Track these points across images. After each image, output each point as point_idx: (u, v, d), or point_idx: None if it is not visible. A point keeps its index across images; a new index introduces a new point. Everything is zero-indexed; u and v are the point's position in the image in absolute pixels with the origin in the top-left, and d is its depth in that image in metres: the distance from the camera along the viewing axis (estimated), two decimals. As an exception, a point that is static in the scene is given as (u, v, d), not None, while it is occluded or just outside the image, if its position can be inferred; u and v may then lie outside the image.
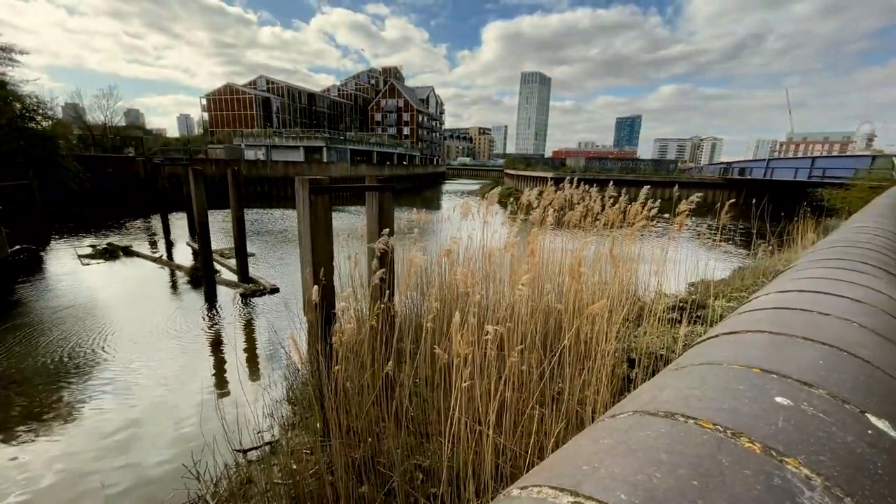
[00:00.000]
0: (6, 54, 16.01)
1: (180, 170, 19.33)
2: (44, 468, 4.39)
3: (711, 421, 0.55)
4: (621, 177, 32.46)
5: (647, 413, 0.60)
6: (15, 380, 6.04)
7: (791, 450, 0.50)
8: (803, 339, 0.78)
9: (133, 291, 10.49)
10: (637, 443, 0.53)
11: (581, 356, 3.05)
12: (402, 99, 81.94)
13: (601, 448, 0.54)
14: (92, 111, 44.01)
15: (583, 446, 0.56)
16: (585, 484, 0.47)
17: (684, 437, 0.52)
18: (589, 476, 0.48)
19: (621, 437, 0.55)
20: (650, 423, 0.57)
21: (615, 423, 0.60)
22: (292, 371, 5.52)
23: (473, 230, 4.89)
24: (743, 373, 0.67)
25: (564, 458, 0.55)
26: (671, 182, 29.97)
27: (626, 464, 0.49)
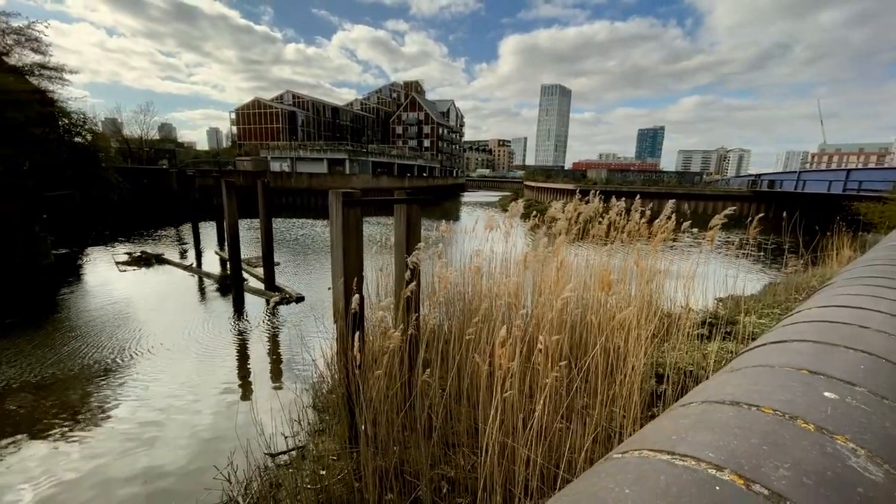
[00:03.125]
0: (57, 74, 17.12)
1: (210, 181, 20.13)
2: (78, 465, 4.59)
3: (771, 408, 0.66)
4: (645, 189, 31.95)
5: (714, 402, 0.72)
6: (57, 379, 6.36)
7: (839, 430, 0.61)
8: (845, 348, 0.88)
9: (165, 298, 10.92)
10: (712, 422, 0.65)
11: (608, 370, 3.04)
12: (422, 112, 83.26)
13: (681, 426, 0.66)
14: (129, 125, 46.44)
15: (664, 425, 0.66)
16: (678, 448, 0.59)
17: (750, 419, 0.64)
18: (679, 443, 0.61)
19: (697, 418, 0.68)
20: (719, 409, 0.69)
21: (688, 410, 0.73)
22: (318, 378, 5.64)
23: (494, 241, 4.95)
24: (793, 374, 0.78)
25: (651, 433, 0.69)
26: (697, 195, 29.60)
27: (707, 435, 0.61)
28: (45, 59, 16.51)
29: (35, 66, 16.32)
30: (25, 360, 6.94)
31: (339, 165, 46.99)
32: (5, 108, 11.98)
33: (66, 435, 5.10)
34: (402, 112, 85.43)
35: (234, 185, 10.68)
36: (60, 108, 16.25)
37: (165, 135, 71.05)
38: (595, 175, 50.00)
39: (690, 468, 0.54)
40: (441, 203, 49.80)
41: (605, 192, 6.81)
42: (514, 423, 2.75)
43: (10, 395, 5.86)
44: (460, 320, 4.43)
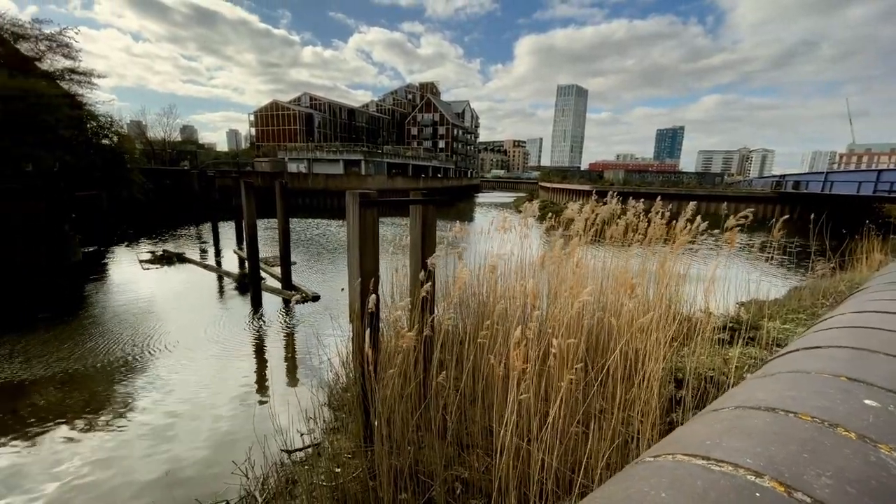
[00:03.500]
0: (85, 78, 17.77)
1: (230, 182, 20.56)
2: (102, 456, 4.74)
3: (809, 415, 0.64)
4: (663, 190, 31.35)
5: (748, 408, 0.70)
6: (83, 373, 6.58)
7: (883, 439, 0.58)
8: (886, 355, 0.84)
9: (186, 295, 11.20)
10: (748, 427, 0.64)
11: (626, 374, 2.99)
12: (437, 113, 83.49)
13: (715, 431, 0.65)
14: (153, 127, 47.93)
15: (697, 430, 0.65)
16: (714, 453, 0.59)
17: (788, 425, 0.63)
18: (714, 448, 0.60)
19: (731, 423, 0.66)
20: (754, 415, 0.67)
21: (721, 415, 0.71)
22: (334, 377, 5.69)
23: (509, 242, 4.92)
24: (831, 380, 0.76)
25: (684, 437, 0.68)
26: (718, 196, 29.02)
27: (743, 441, 0.60)
28: (75, 64, 17.16)
29: (65, 71, 16.96)
30: (54, 354, 7.20)
31: (354, 166, 47.46)
32: (38, 112, 12.47)
33: (91, 427, 5.26)
34: (418, 113, 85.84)
35: (252, 186, 10.89)
36: (89, 112, 16.83)
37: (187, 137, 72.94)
38: (612, 176, 49.30)
39: (728, 474, 0.54)
40: (455, 204, 49.81)
41: (623, 193, 6.71)
42: (530, 425, 2.73)
43: (40, 388, 6.08)
44: (475, 321, 4.42)
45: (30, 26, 16.05)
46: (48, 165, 14.55)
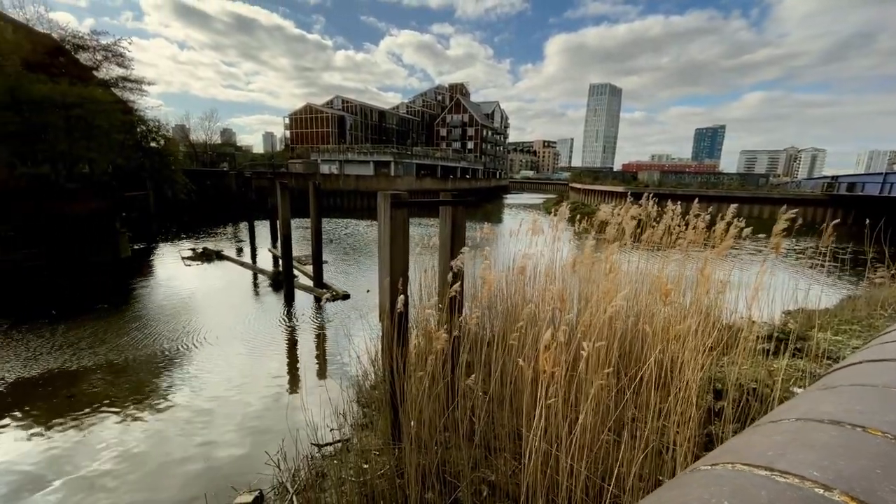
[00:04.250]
0: (136, 85, 18.96)
1: (265, 182, 21.35)
2: (144, 440, 5.01)
3: (879, 430, 0.61)
4: (702, 192, 30.04)
5: (811, 420, 0.68)
6: (130, 362, 7.00)
7: None
8: None
9: (223, 291, 11.71)
10: (813, 440, 0.61)
11: (661, 382, 2.89)
12: (466, 114, 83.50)
13: (776, 442, 0.63)
14: (195, 131, 50.46)
15: (755, 440, 0.64)
16: (778, 464, 0.57)
17: (856, 440, 0.60)
18: (777, 459, 0.58)
19: (794, 435, 0.64)
20: (818, 428, 0.65)
21: (782, 426, 0.69)
22: (362, 374, 5.80)
23: (538, 244, 4.85)
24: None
25: (740, 447, 0.66)
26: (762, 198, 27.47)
27: (808, 453, 0.58)
28: (128, 72, 18.34)
29: (119, 79, 18.16)
30: (107, 343, 7.70)
31: (384, 167, 48.18)
32: (95, 117, 13.38)
33: (136, 414, 5.59)
34: (447, 114, 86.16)
35: (286, 187, 11.26)
36: (139, 117, 17.93)
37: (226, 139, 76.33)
38: (647, 177, 47.71)
39: (794, 485, 0.52)
40: (483, 205, 49.64)
41: (659, 195, 6.49)
42: (558, 431, 2.68)
43: (93, 375, 6.52)
44: (503, 324, 4.39)
45: (88, 38, 17.26)
46: (102, 167, 15.61)
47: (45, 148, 12.97)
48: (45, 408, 5.63)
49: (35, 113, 12.29)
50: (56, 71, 14.36)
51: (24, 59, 12.70)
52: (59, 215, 11.99)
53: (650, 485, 2.68)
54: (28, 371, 6.54)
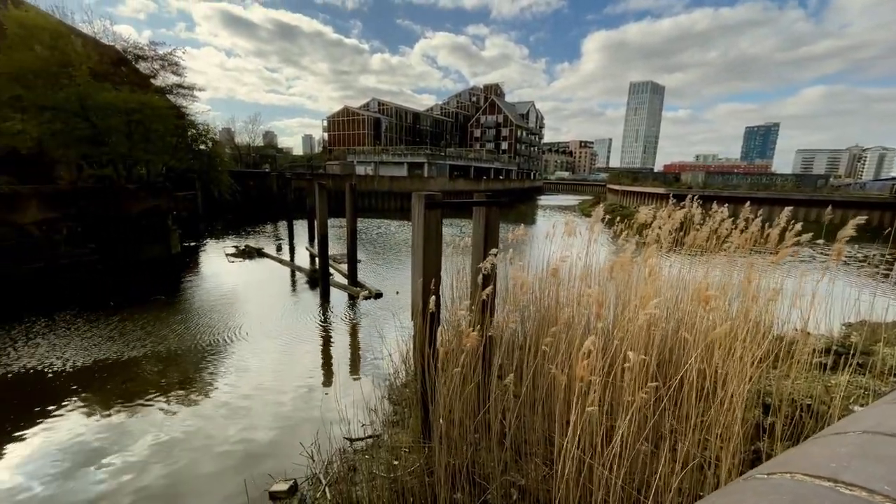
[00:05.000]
0: (189, 91, 20.15)
1: (304, 183, 22.12)
2: (189, 424, 5.31)
3: None
4: (752, 193, 28.24)
5: (879, 433, 0.64)
6: (178, 351, 7.45)
7: None
8: None
9: (263, 287, 12.23)
10: (882, 454, 0.58)
11: (704, 394, 2.75)
12: (501, 114, 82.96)
13: (841, 454, 0.60)
14: (240, 134, 53.07)
15: (816, 451, 0.61)
16: (843, 476, 0.54)
17: None
18: (842, 471, 0.55)
19: (861, 448, 0.60)
20: (889, 442, 0.61)
21: (847, 439, 0.66)
22: (394, 372, 5.88)
23: (573, 247, 4.74)
24: None
25: (800, 458, 0.64)
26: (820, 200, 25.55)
27: (877, 467, 0.55)
28: (181, 79, 19.53)
29: (173, 86, 19.36)
30: (158, 334, 8.24)
31: (418, 169, 48.68)
32: (152, 122, 14.34)
33: (182, 401, 5.93)
34: (481, 115, 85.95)
35: (324, 187, 11.60)
36: (190, 121, 19.03)
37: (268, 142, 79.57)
38: (690, 178, 45.56)
39: (862, 499, 0.49)
40: (516, 206, 49.11)
41: (703, 197, 6.18)
42: (593, 439, 2.61)
43: (147, 363, 6.98)
44: (536, 327, 4.32)
45: (147, 48, 18.53)
46: (157, 169, 16.70)
47: (109, 151, 14.03)
48: (104, 392, 6.09)
49: (101, 119, 13.33)
50: (119, 80, 15.51)
51: (92, 70, 13.80)
52: (120, 213, 12.93)
53: (690, 500, 2.56)
54: (89, 358, 7.09)
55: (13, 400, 5.78)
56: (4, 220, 10.28)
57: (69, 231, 11.56)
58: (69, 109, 12.75)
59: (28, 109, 12.30)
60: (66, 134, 12.98)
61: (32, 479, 4.34)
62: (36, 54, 12.69)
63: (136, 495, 4.15)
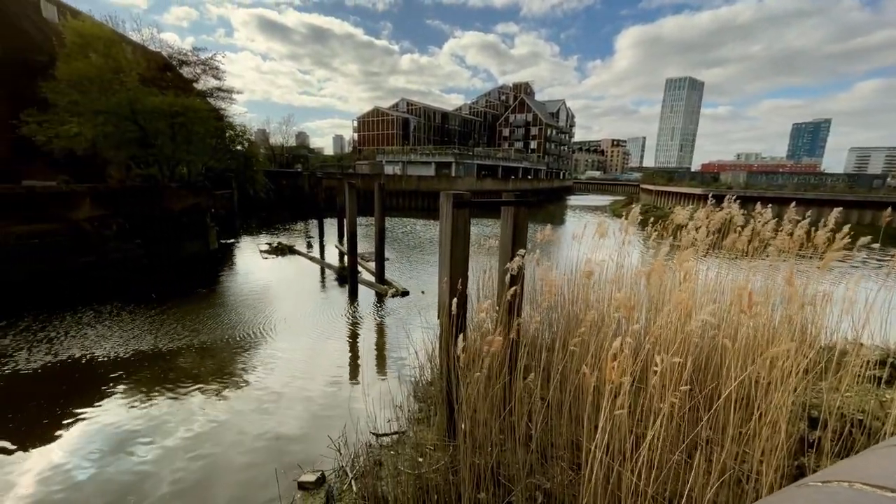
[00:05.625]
0: (227, 94, 21.07)
1: (335, 182, 22.63)
2: (222, 414, 5.53)
3: None
4: (798, 194, 26.59)
5: None
6: (214, 344, 7.78)
7: None
8: None
9: (294, 283, 12.61)
10: None
11: (744, 404, 2.62)
12: (530, 113, 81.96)
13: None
14: (274, 135, 54.89)
15: (875, 461, 0.57)
16: None
17: None
18: None
19: None
20: None
21: None
22: (419, 370, 5.93)
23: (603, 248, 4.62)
24: None
25: (857, 468, 0.59)
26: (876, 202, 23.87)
27: None
28: (221, 83, 20.41)
29: (214, 90, 20.26)
30: (196, 325, 8.64)
31: (445, 168, 48.80)
32: (194, 124, 15.07)
33: (217, 390, 6.19)
34: (510, 114, 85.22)
35: (354, 186, 11.82)
36: (228, 122, 19.88)
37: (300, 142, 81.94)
38: (731, 178, 43.50)
39: None
40: (545, 206, 48.39)
41: (745, 198, 5.89)
42: (622, 445, 2.53)
43: (185, 354, 7.34)
44: (564, 329, 4.24)
45: (190, 54, 19.48)
46: (198, 168, 17.52)
47: (155, 152, 14.86)
48: (145, 380, 6.44)
49: (148, 122, 14.14)
50: (164, 84, 16.38)
51: (141, 76, 14.66)
52: (163, 211, 13.65)
53: (726, 515, 2.44)
54: (132, 348, 7.53)
55: (62, 385, 6.20)
56: (61, 216, 11.06)
57: (118, 227, 12.31)
58: (120, 113, 13.59)
59: (83, 113, 13.19)
60: (117, 136, 13.86)
61: (80, 460, 4.64)
62: (91, 62, 13.58)
63: (175, 478, 4.37)
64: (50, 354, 7.04)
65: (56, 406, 5.65)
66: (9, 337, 7.66)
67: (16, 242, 10.16)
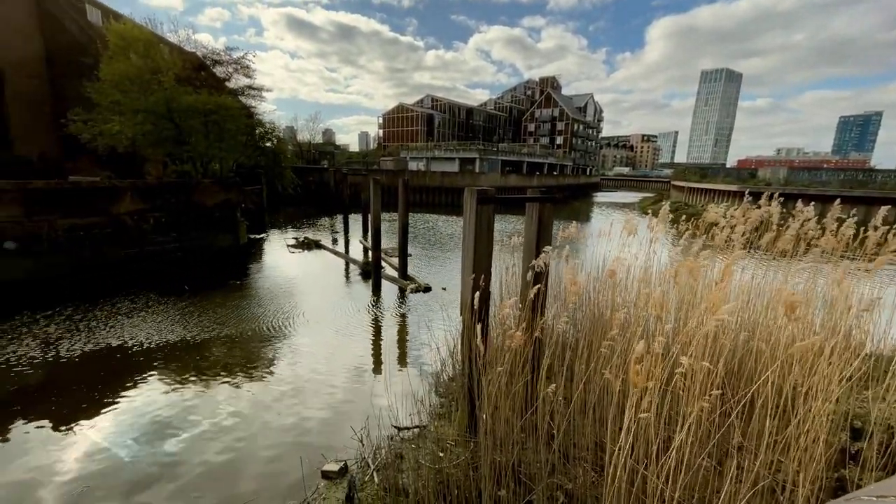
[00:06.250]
0: (258, 92, 21.60)
1: (360, 178, 22.93)
2: (248, 404, 5.72)
3: None
4: (844, 191, 25.02)
5: None
6: (242, 335, 8.05)
7: None
8: None
9: (320, 277, 12.89)
10: None
11: (780, 411, 2.50)
12: (557, 108, 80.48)
13: None
14: (301, 131, 56.05)
15: None
16: None
17: None
18: None
19: None
20: None
21: None
22: (440, 365, 5.95)
23: (630, 247, 4.50)
24: None
25: None
26: (931, 200, 21.75)
27: None
28: (252, 81, 20.96)
29: (244, 88, 20.83)
30: (226, 316, 8.97)
31: (469, 164, 48.63)
32: (226, 122, 15.55)
33: (245, 380, 6.40)
34: (536, 109, 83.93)
35: (378, 182, 11.94)
36: (258, 120, 20.40)
37: (327, 139, 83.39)
38: (769, 174, 41.50)
39: None
40: (570, 202, 47.54)
41: (785, 195, 5.60)
42: (648, 449, 2.47)
43: (214, 344, 7.63)
44: (588, 329, 4.16)
45: (223, 53, 20.08)
46: (229, 165, 18.09)
47: (189, 149, 15.45)
48: (178, 368, 6.73)
49: (183, 120, 14.70)
50: (199, 83, 16.97)
51: (177, 75, 15.23)
52: (197, 206, 14.19)
53: (758, 526, 2.34)
54: (165, 337, 7.88)
55: (101, 371, 6.55)
56: (105, 210, 11.67)
57: (155, 221, 12.88)
58: (157, 112, 14.18)
59: (125, 112, 13.84)
60: (155, 134, 14.47)
61: (118, 441, 4.90)
62: (132, 63, 14.22)
63: (204, 461, 4.56)
64: (90, 343, 7.45)
65: (95, 391, 5.98)
66: (53, 325, 8.16)
67: (63, 234, 10.79)
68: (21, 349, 7.08)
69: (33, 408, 5.49)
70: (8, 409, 5.47)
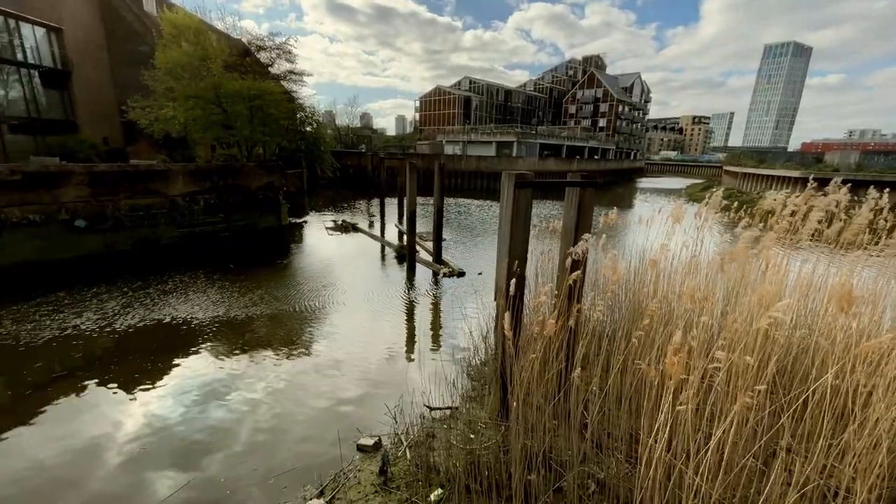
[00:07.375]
0: (299, 77, 22.05)
1: (397, 163, 23.10)
2: (290, 377, 6.02)
3: None
4: (922, 178, 22.52)
5: None
6: (283, 314, 8.45)
7: None
8: None
9: (356, 259, 13.23)
10: None
11: (838, 413, 2.33)
12: (600, 88, 76.83)
13: None
14: (340, 116, 56.98)
15: None
16: None
17: None
18: None
19: None
20: None
21: None
22: (473, 349, 6.00)
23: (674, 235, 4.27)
24: None
25: None
26: None
27: None
28: (293, 66, 21.39)
29: (286, 73, 21.30)
30: (268, 294, 9.44)
31: (506, 148, 47.72)
32: (269, 107, 16.04)
33: (285, 356, 6.74)
34: (578, 90, 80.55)
35: (414, 167, 11.98)
36: (299, 104, 20.87)
37: (365, 123, 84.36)
38: (838, 159, 37.86)
39: None
40: (612, 188, 45.74)
41: (856, 182, 5.11)
42: (687, 444, 2.39)
43: (257, 321, 8.06)
44: (627, 319, 4.03)
45: (267, 39, 20.57)
46: (271, 149, 18.73)
47: (235, 133, 16.11)
48: (224, 342, 7.17)
49: (230, 105, 15.31)
50: (244, 69, 17.55)
51: (223, 62, 15.82)
52: (242, 188, 14.86)
53: (805, 531, 2.23)
54: (213, 312, 8.40)
55: (152, 344, 7.08)
56: (161, 192, 12.47)
57: (205, 202, 13.62)
58: (206, 97, 14.83)
59: (177, 98, 14.59)
60: (204, 119, 15.18)
61: (169, 410, 5.31)
62: (184, 50, 14.89)
63: (249, 431, 4.88)
64: (144, 319, 8.05)
65: (148, 361, 6.49)
66: (113, 300, 8.88)
67: (126, 213, 11.67)
68: (84, 322, 7.79)
69: (98, 374, 6.06)
70: (77, 373, 6.07)
